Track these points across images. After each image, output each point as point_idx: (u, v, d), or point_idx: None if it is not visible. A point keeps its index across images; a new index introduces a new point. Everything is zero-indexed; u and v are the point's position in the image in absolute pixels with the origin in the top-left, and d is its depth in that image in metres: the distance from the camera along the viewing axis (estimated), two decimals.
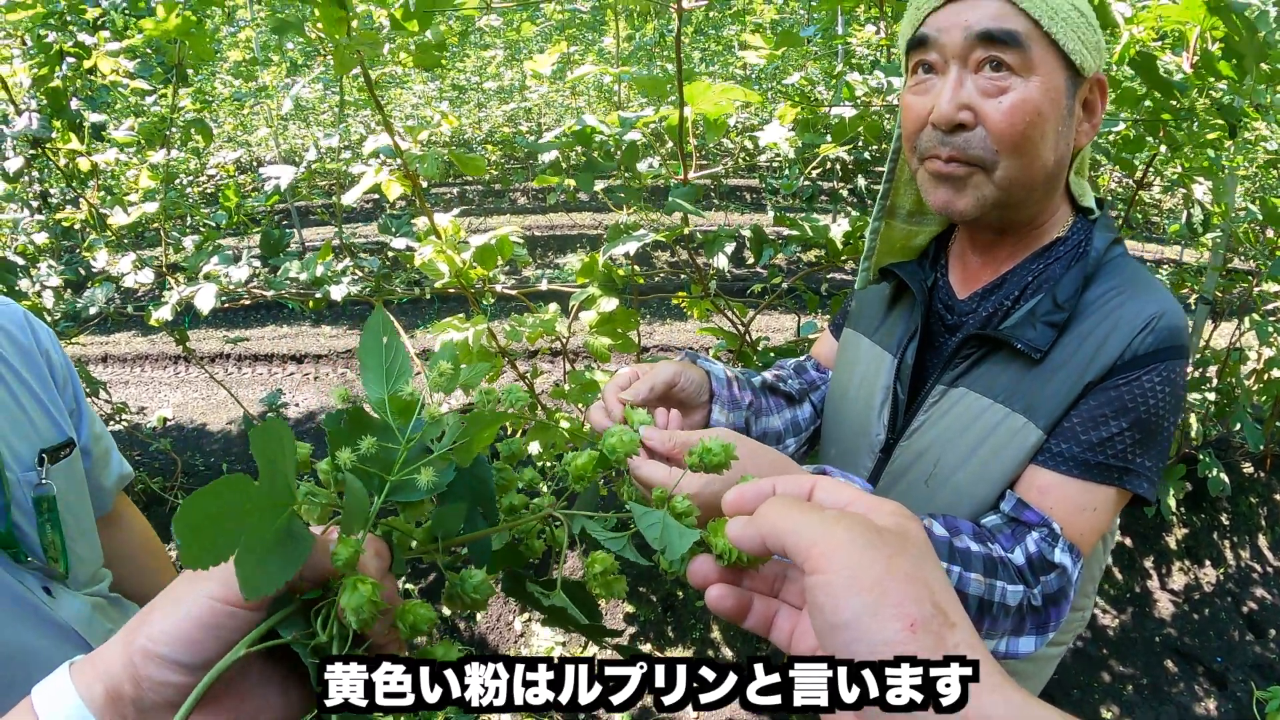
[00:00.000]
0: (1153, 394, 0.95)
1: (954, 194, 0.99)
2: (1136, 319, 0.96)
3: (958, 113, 0.94)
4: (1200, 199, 2.71)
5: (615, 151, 1.67)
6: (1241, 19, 1.56)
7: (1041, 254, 1.05)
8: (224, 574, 0.46)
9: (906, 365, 1.13)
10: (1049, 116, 0.93)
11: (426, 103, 6.36)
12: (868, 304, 1.26)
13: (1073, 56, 0.93)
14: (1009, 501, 1.00)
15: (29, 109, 3.09)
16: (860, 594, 0.40)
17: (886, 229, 1.21)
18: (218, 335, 5.37)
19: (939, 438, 1.06)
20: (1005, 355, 1.01)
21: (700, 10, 4.51)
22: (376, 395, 0.62)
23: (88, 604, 1.07)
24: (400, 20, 1.71)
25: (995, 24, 0.91)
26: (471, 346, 2.14)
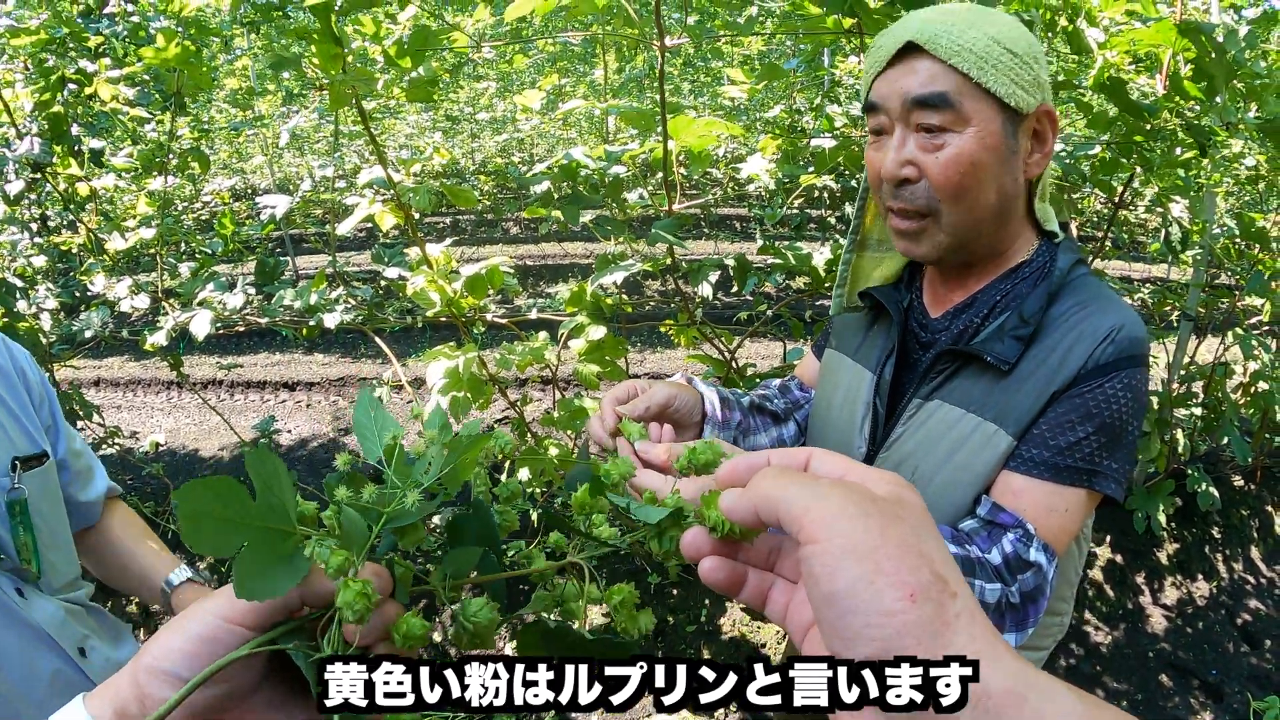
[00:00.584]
0: (1115, 400, 1.02)
1: (912, 244, 1.09)
2: (1098, 331, 1.03)
3: (901, 169, 1.04)
4: (1178, 217, 2.78)
5: (600, 185, 1.72)
6: (1210, 40, 1.62)
7: (1008, 275, 1.12)
8: (230, 593, 0.51)
9: (885, 381, 1.20)
10: (986, 162, 1.01)
11: (420, 133, 6.43)
12: (849, 326, 1.33)
13: (1007, 100, 1.00)
14: (984, 506, 1.06)
15: (30, 133, 3.13)
16: (856, 562, 0.38)
17: (858, 260, 1.33)
18: (211, 361, 5.39)
19: (916, 448, 1.12)
20: (976, 369, 1.09)
21: (691, 47, 4.60)
22: (375, 454, 0.66)
23: (60, 608, 1.11)
24: (394, 57, 1.77)
25: (926, 89, 1.00)
26: (462, 374, 2.18)
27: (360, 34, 2.05)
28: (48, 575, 1.12)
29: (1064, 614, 1.37)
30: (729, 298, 5.76)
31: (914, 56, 1.02)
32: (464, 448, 0.62)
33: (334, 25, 1.84)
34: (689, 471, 0.67)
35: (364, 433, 0.67)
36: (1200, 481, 3.14)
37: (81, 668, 1.10)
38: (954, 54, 0.99)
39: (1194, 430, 3.19)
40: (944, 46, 0.99)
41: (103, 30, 3.53)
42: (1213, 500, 3.15)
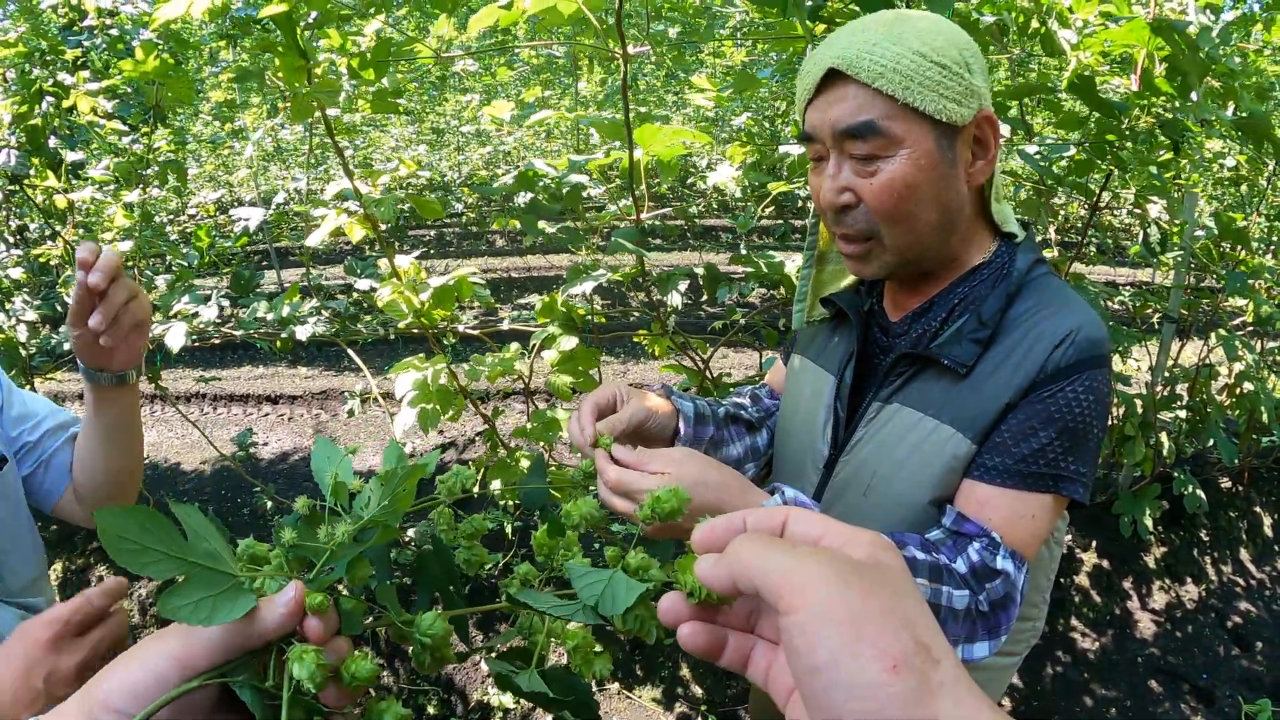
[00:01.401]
0: (1077, 403, 1.01)
1: (861, 265, 1.10)
2: (1056, 333, 1.02)
3: (838, 197, 1.03)
4: (1156, 218, 2.76)
5: (559, 194, 1.71)
6: (1184, 37, 1.61)
7: (966, 277, 1.12)
8: (183, 635, 0.53)
9: (845, 384, 1.20)
10: (921, 182, 1.00)
11: (406, 145, 6.43)
12: (814, 333, 1.34)
13: (939, 116, 0.98)
14: (949, 516, 1.06)
15: (8, 145, 3.12)
16: (837, 633, 0.37)
17: (818, 274, 1.33)
18: (193, 375, 5.37)
19: (875, 451, 1.12)
20: (935, 372, 1.08)
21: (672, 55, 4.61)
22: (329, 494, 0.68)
23: (17, 615, 1.11)
24: (357, 69, 1.76)
25: (852, 119, 0.98)
26: (431, 385, 2.16)
27: (328, 48, 2.04)
28: (6, 580, 1.12)
29: (1037, 619, 1.38)
30: (715, 308, 5.75)
31: (839, 83, 1.00)
32: (398, 481, 0.63)
33: (300, 38, 1.83)
34: (652, 520, 0.66)
35: (321, 477, 0.70)
36: (1187, 484, 3.13)
37: None
38: (877, 76, 0.97)
39: (1180, 433, 3.18)
40: (866, 69, 0.97)
41: (82, 43, 3.53)
42: (1200, 503, 3.13)
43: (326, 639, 0.56)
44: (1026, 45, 2.39)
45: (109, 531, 0.51)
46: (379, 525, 0.62)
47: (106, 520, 0.51)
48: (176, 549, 0.53)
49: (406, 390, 2.16)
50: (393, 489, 0.63)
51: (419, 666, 0.62)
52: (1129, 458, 2.94)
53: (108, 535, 0.51)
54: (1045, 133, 3.06)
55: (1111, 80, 2.70)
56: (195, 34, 4.41)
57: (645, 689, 2.68)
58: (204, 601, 0.52)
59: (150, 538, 0.52)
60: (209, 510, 3.74)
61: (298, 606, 0.55)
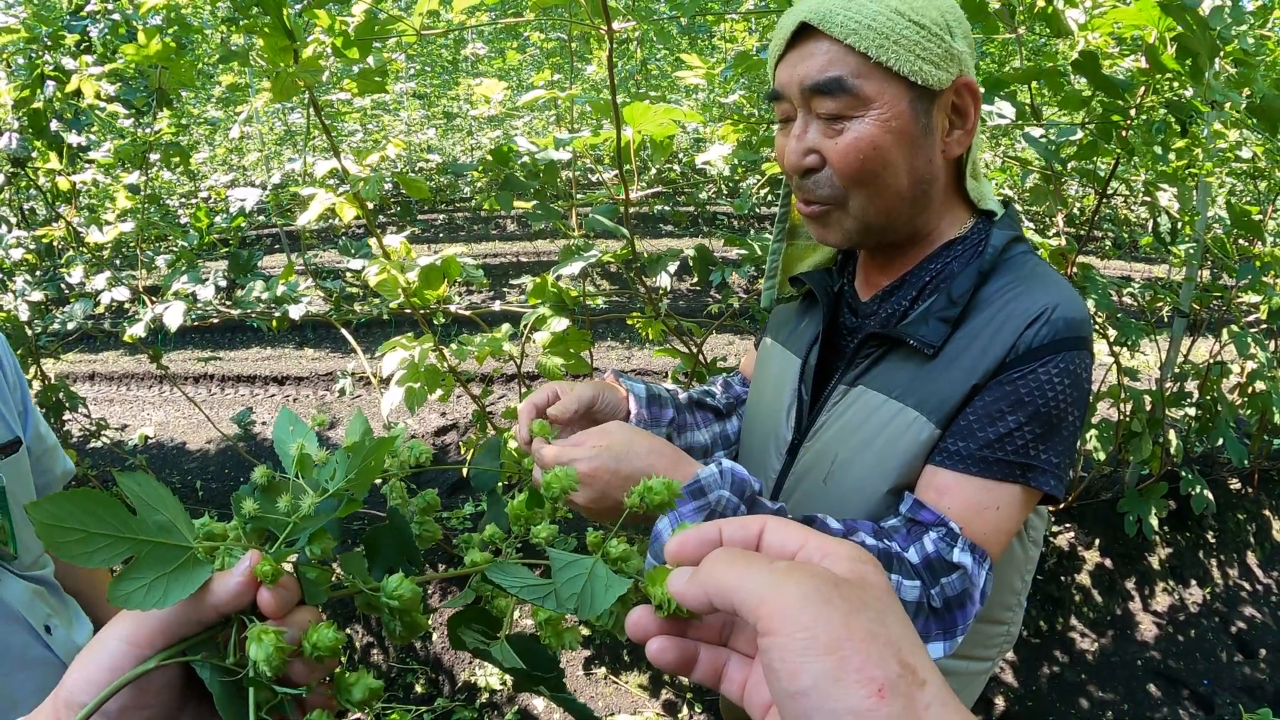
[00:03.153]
0: (1050, 386, 0.95)
1: (823, 230, 1.05)
2: (1029, 311, 0.97)
3: (803, 159, 0.99)
4: (1166, 206, 2.69)
5: (536, 172, 1.68)
6: (1194, 16, 1.57)
7: (939, 254, 1.07)
8: (135, 616, 0.50)
9: (810, 366, 1.15)
10: (889, 146, 0.95)
11: (417, 128, 6.44)
12: (784, 315, 1.29)
13: (913, 78, 0.93)
14: (906, 503, 1.00)
15: (10, 129, 3.14)
16: (819, 658, 0.36)
17: (789, 249, 1.27)
18: (201, 355, 5.42)
19: (836, 436, 1.07)
20: (903, 353, 1.03)
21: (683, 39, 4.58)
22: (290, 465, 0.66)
23: (28, 589, 1.15)
24: (340, 48, 1.74)
25: (822, 74, 0.94)
26: (418, 364, 2.15)
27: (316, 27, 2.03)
28: (21, 555, 1.15)
29: (1010, 623, 1.27)
30: (718, 292, 5.72)
31: (810, 38, 0.95)
32: (367, 453, 0.60)
33: (285, 18, 1.82)
34: (640, 509, 0.61)
35: (284, 448, 0.67)
36: (1194, 484, 3.05)
37: (49, 644, 1.14)
38: (850, 33, 0.92)
39: (1188, 431, 3.11)
40: (839, 25, 0.92)
41: (86, 28, 3.55)
42: (1207, 503, 3.06)
43: (284, 612, 0.53)
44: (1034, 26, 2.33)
45: (45, 524, 0.47)
46: (343, 497, 0.60)
47: (42, 513, 0.47)
48: (125, 528, 0.50)
49: (394, 369, 2.15)
50: (360, 460, 0.60)
51: (390, 635, 0.60)
52: (1136, 455, 2.87)
53: (45, 529, 0.47)
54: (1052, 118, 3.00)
55: (1122, 62, 2.63)
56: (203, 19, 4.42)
57: (632, 675, 2.67)
58: (157, 582, 0.50)
59: (94, 521, 0.49)
60: (210, 488, 3.78)
61: (253, 577, 0.52)
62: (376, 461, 0.61)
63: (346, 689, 0.54)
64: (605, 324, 5.10)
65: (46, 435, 1.31)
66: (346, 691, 0.54)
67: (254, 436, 4.30)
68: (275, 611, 0.52)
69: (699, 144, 5.97)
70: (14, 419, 1.18)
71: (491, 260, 6.83)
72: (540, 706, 2.58)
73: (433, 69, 6.49)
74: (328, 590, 0.58)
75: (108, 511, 0.49)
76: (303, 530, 0.58)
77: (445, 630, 2.73)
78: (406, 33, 1.79)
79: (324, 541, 0.59)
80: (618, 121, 1.75)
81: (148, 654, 0.50)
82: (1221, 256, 3.08)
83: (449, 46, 5.85)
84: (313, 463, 0.65)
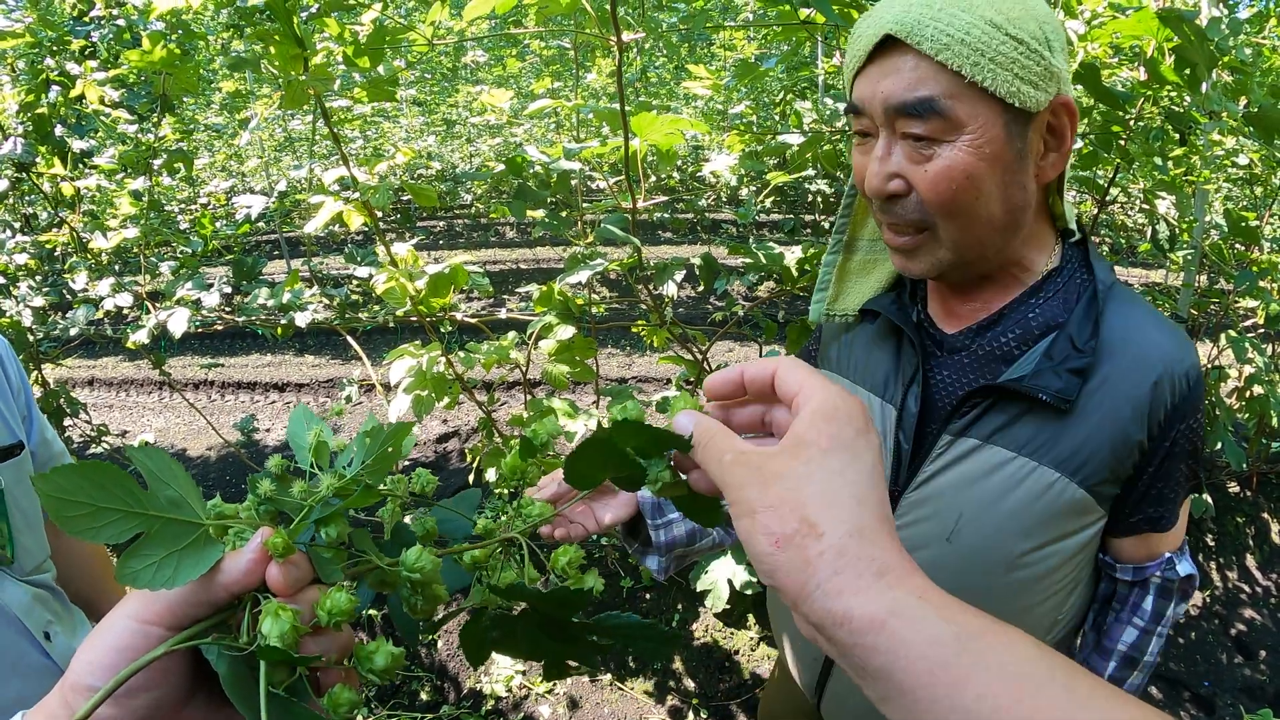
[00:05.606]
0: (1199, 425, 0.98)
1: (909, 261, 0.97)
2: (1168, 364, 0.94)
3: (886, 184, 0.90)
4: (1165, 214, 2.72)
5: (548, 181, 1.70)
6: (1192, 27, 1.59)
7: (1039, 288, 0.99)
8: (143, 595, 0.49)
9: (910, 414, 1.04)
10: (984, 174, 0.87)
11: (416, 136, 6.45)
12: (843, 340, 1.19)
13: (1011, 100, 0.84)
14: (1125, 572, 1.05)
15: (15, 134, 3.15)
16: (742, 519, 0.47)
17: (844, 261, 1.18)
18: (201, 362, 5.42)
19: (952, 491, 1.00)
20: (1023, 403, 0.96)
21: (683, 49, 4.60)
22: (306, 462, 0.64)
23: (29, 593, 1.13)
24: (352, 57, 1.76)
25: (909, 93, 0.85)
26: (426, 372, 2.17)
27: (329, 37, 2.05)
28: (20, 560, 1.14)
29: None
30: (722, 301, 5.74)
31: (896, 51, 0.86)
32: (385, 438, 0.59)
33: (296, 26, 1.84)
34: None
35: (298, 443, 0.65)
36: None
37: (48, 651, 1.12)
38: (942, 48, 0.83)
39: None
40: (930, 38, 0.83)
41: (90, 33, 3.56)
42: (1206, 507, 3.09)
43: (296, 589, 0.51)
44: None
45: (53, 497, 0.45)
46: (361, 484, 0.57)
47: (49, 485, 0.45)
48: (135, 503, 0.48)
49: (401, 376, 2.16)
50: (378, 446, 0.58)
51: (411, 611, 0.58)
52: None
53: (52, 502, 0.45)
54: None
55: (1120, 72, 2.66)
56: (205, 24, 4.43)
57: (638, 681, 2.68)
58: (167, 560, 0.48)
59: (103, 495, 0.47)
60: (211, 496, 3.77)
61: (264, 554, 0.50)
62: (395, 448, 0.59)
63: (367, 658, 0.52)
64: (606, 332, 5.11)
65: (53, 441, 1.30)
66: (367, 661, 0.52)
67: (255, 443, 4.30)
68: (285, 588, 0.51)
69: (698, 151, 6.00)
70: (16, 423, 1.18)
71: (491, 267, 6.84)
72: (546, 714, 2.59)
73: (432, 76, 6.51)
74: (343, 569, 0.55)
75: (117, 485, 0.47)
76: (318, 512, 0.56)
77: (450, 638, 2.72)
78: (417, 42, 1.81)
79: (339, 525, 0.56)
80: (626, 132, 1.77)
81: (156, 633, 0.49)
82: (1219, 262, 3.11)
83: (449, 54, 5.87)
84: (329, 449, 0.63)
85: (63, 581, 1.28)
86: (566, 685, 2.66)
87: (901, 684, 0.41)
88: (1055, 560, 1.00)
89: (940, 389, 1.04)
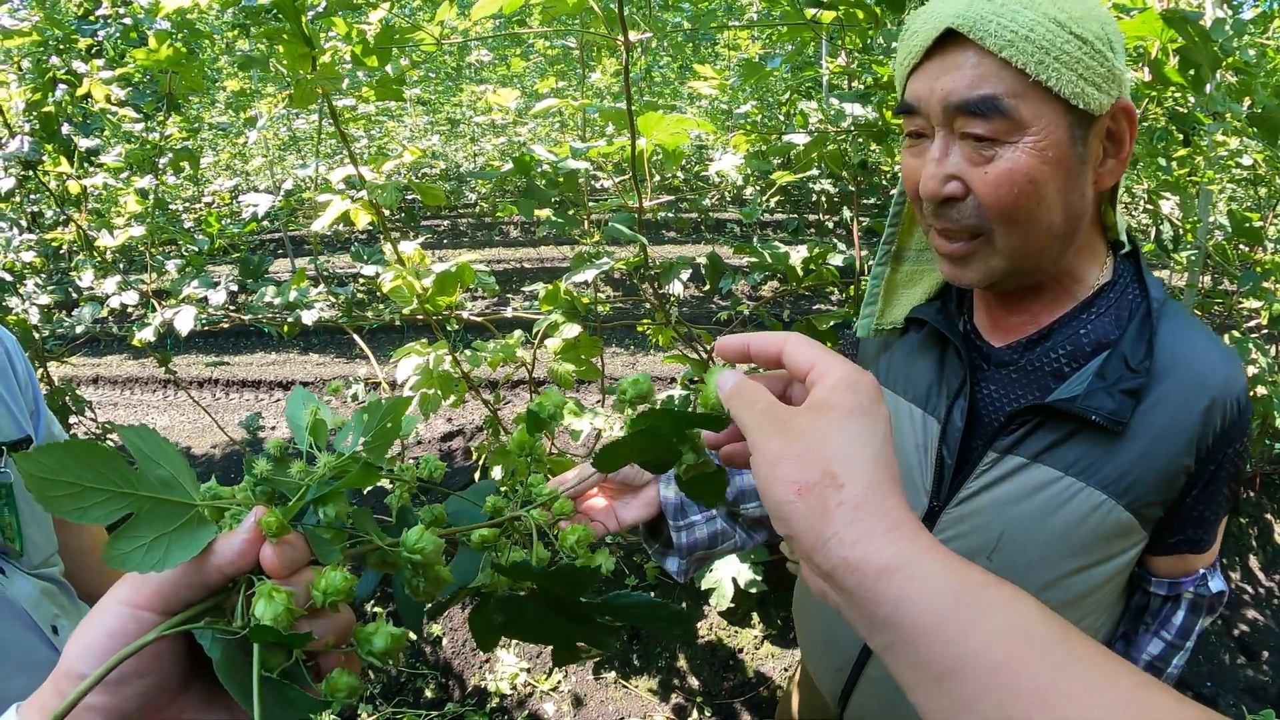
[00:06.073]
0: (1245, 449, 0.97)
1: (960, 269, 0.93)
2: (1227, 394, 0.92)
3: (943, 187, 0.87)
4: (1168, 215, 2.72)
5: (556, 181, 1.71)
6: (1196, 28, 1.59)
7: (1091, 303, 0.96)
8: (135, 579, 0.48)
9: (955, 429, 1.02)
10: (1046, 179, 0.84)
11: (420, 135, 6.46)
12: (884, 350, 1.16)
13: (1074, 101, 0.82)
14: (1159, 586, 1.05)
15: (22, 132, 3.16)
16: (765, 468, 0.49)
17: (891, 274, 1.14)
18: (205, 360, 5.43)
19: (995, 509, 0.99)
20: (1071, 422, 0.94)
21: (688, 49, 4.61)
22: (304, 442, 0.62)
23: (37, 586, 1.13)
24: (360, 56, 1.77)
25: (972, 91, 0.82)
26: (432, 370, 2.18)
27: (337, 36, 2.06)
28: (29, 553, 1.14)
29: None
30: (727, 301, 5.75)
31: (956, 47, 0.83)
32: (383, 412, 0.58)
33: (304, 26, 1.84)
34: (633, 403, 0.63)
35: (296, 424, 0.63)
36: None
37: (55, 645, 1.11)
38: (1006, 44, 0.80)
39: None
40: (993, 34, 0.80)
41: (96, 32, 3.57)
42: None
43: (290, 570, 0.50)
44: None
45: (38, 477, 0.43)
46: (360, 462, 0.56)
47: (33, 464, 0.43)
48: (124, 483, 0.46)
49: (408, 375, 2.17)
50: (377, 421, 0.57)
51: (413, 593, 0.57)
52: None
53: (35, 482, 0.43)
54: None
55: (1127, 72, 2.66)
56: (210, 23, 4.45)
57: (642, 679, 2.68)
58: (157, 542, 0.46)
59: (91, 475, 0.45)
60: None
61: (258, 534, 0.49)
62: (395, 422, 0.58)
63: (366, 640, 0.51)
64: (610, 330, 5.13)
65: (59, 436, 1.30)
66: (367, 643, 0.51)
67: (260, 441, 4.31)
68: (280, 569, 0.49)
69: (702, 151, 6.02)
70: (24, 417, 1.18)
71: (496, 266, 6.85)
72: (551, 711, 2.59)
73: (437, 75, 6.52)
74: (343, 550, 0.54)
75: (106, 465, 0.46)
76: (315, 491, 0.54)
77: (455, 635, 2.73)
78: (425, 41, 1.81)
79: (338, 504, 0.54)
80: (633, 132, 1.78)
81: (148, 617, 0.47)
82: (1223, 263, 3.12)
83: (453, 53, 5.89)
84: (327, 428, 0.61)
85: (70, 576, 1.29)
86: (571, 683, 2.67)
87: (908, 632, 0.43)
88: (1095, 581, 0.99)
89: (986, 403, 1.01)
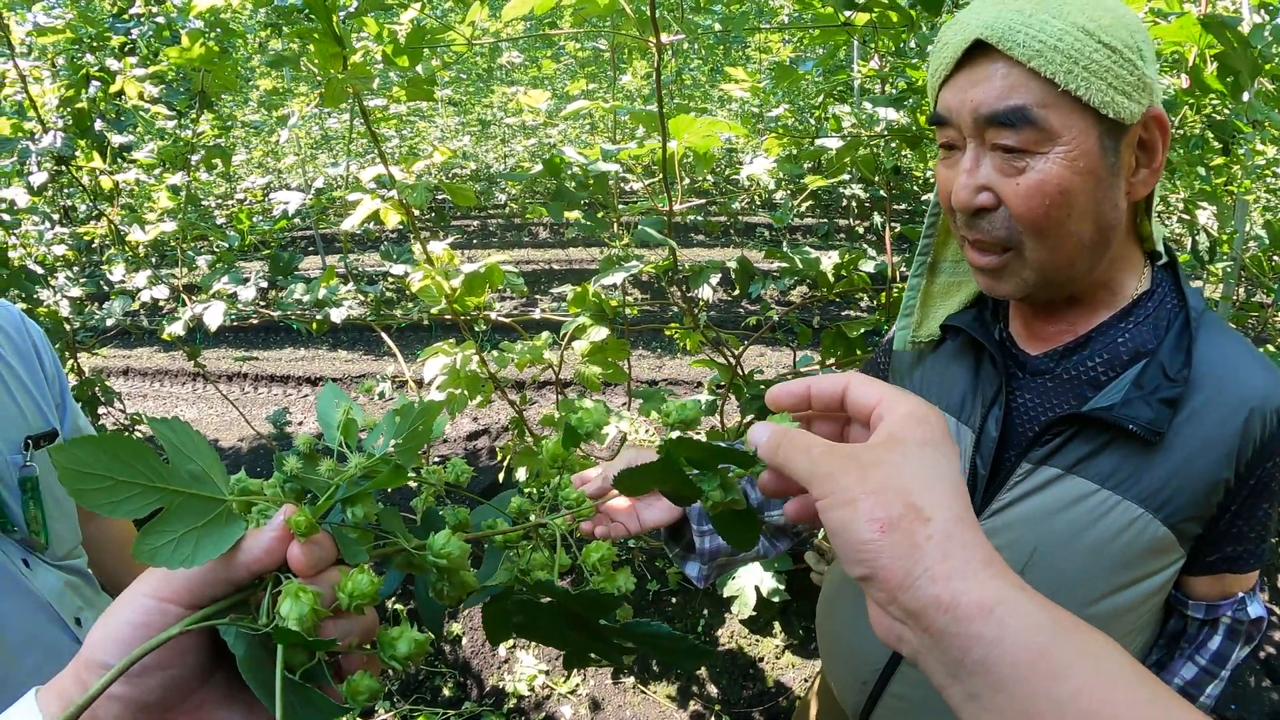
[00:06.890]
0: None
1: (994, 281, 0.93)
2: (1268, 403, 0.90)
3: (975, 197, 0.87)
4: (1205, 224, 2.65)
5: (586, 183, 1.69)
6: (1235, 34, 1.54)
7: (1129, 312, 0.95)
8: (161, 571, 0.47)
9: (990, 438, 1.00)
10: (1077, 190, 0.84)
11: (451, 136, 6.49)
12: (916, 356, 1.16)
13: (1105, 110, 0.81)
14: (1197, 609, 1.02)
15: (56, 128, 3.20)
16: (840, 509, 0.45)
17: (927, 285, 1.14)
18: (235, 355, 5.50)
19: (1028, 523, 0.97)
20: (1108, 432, 0.92)
21: (719, 52, 4.58)
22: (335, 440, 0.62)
23: (61, 579, 1.14)
24: (391, 56, 1.76)
25: (1001, 103, 0.82)
26: (460, 370, 2.17)
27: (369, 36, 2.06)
28: (53, 546, 1.15)
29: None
30: (755, 305, 5.71)
31: (985, 58, 0.84)
32: (415, 416, 0.57)
33: (336, 25, 1.85)
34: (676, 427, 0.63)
35: (327, 421, 0.63)
36: None
37: (78, 637, 1.12)
38: (1035, 54, 0.80)
39: None
40: (1021, 44, 0.80)
41: (130, 30, 3.61)
42: None
43: (317, 569, 0.50)
44: None
45: (71, 469, 0.44)
46: (391, 463, 0.55)
47: (65, 456, 0.43)
48: (155, 477, 0.46)
49: (435, 374, 2.17)
50: (409, 424, 0.56)
51: (438, 597, 0.57)
52: None
53: (69, 474, 0.44)
54: None
55: (1162, 79, 2.61)
56: (243, 23, 4.49)
57: (661, 685, 2.66)
58: (186, 537, 0.46)
59: (122, 468, 0.45)
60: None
61: (286, 533, 0.49)
62: (426, 426, 0.58)
63: (390, 644, 0.51)
64: (637, 334, 5.12)
65: (85, 429, 1.32)
66: (390, 647, 0.51)
67: (288, 436, 4.34)
68: (306, 568, 0.49)
69: (731, 154, 5.99)
70: (51, 410, 1.19)
71: (525, 267, 6.87)
72: (568, 715, 2.58)
73: (468, 76, 6.55)
74: (370, 551, 0.54)
75: (137, 458, 0.46)
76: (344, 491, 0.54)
77: (474, 635, 2.72)
78: (456, 42, 1.81)
79: (366, 504, 0.54)
80: (664, 135, 1.76)
81: (174, 610, 0.47)
82: (1258, 275, 3.04)
83: (484, 55, 5.91)
84: (358, 428, 0.61)
85: (94, 568, 1.29)
86: (589, 686, 2.66)
87: (1000, 675, 0.41)
88: (1131, 601, 0.96)
89: (1021, 413, 1.00)
